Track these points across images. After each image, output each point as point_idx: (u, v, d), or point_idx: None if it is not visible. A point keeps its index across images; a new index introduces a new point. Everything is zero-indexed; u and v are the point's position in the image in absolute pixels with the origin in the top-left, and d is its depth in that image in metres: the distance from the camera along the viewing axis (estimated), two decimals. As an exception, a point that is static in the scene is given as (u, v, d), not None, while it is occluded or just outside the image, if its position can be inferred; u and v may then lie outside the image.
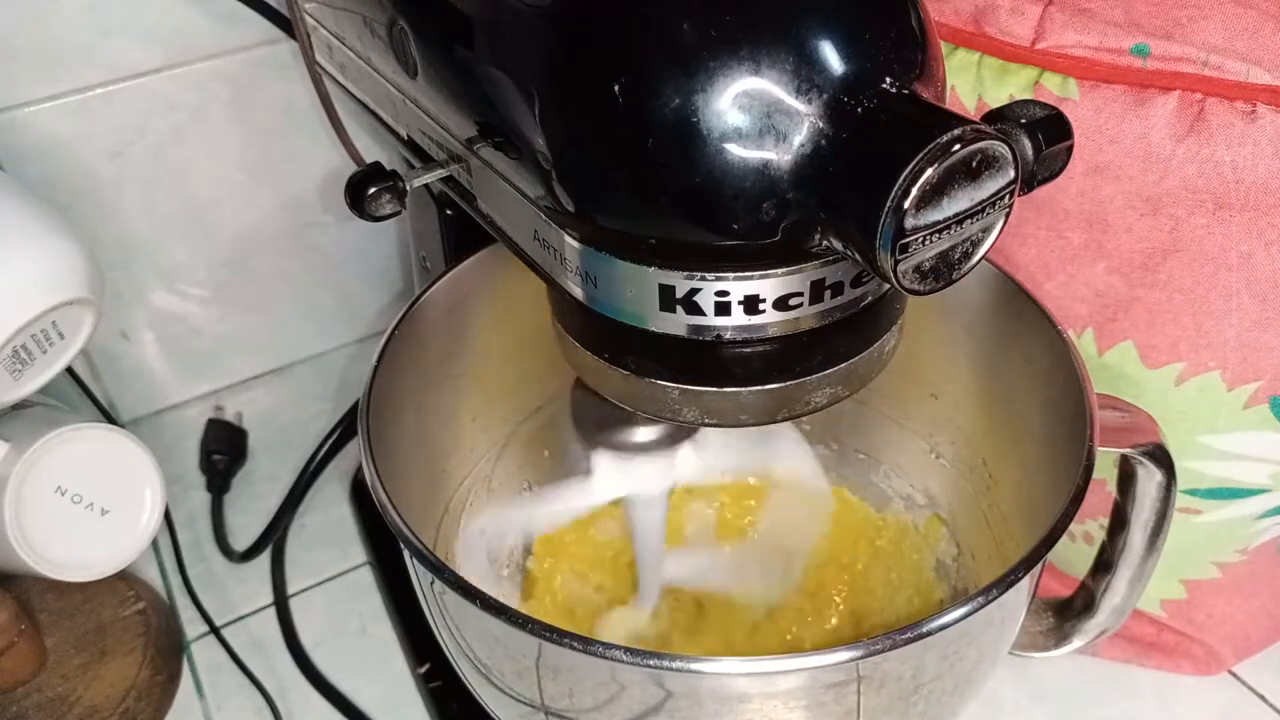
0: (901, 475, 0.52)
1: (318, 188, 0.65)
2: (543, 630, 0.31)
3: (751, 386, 0.31)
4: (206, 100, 0.59)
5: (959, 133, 0.24)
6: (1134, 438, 0.37)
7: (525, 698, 0.36)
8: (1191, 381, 0.41)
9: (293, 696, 0.53)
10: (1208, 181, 0.37)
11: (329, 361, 0.73)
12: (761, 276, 0.28)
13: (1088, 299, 0.42)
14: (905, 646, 0.30)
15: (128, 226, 0.61)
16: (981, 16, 0.41)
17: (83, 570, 0.46)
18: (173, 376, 0.68)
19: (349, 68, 0.42)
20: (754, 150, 0.25)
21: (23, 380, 0.43)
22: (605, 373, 0.32)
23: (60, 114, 0.56)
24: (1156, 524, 0.39)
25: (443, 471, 0.47)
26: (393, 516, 0.34)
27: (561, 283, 0.31)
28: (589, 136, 0.27)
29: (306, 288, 0.69)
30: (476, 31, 0.30)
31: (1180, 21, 0.37)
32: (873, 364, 0.32)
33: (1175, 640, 0.51)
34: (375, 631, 0.56)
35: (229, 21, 0.57)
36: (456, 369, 0.46)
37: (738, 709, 0.32)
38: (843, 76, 0.25)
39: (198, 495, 0.63)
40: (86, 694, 0.50)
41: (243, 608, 0.57)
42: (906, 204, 0.23)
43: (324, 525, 0.61)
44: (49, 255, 0.43)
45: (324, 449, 0.64)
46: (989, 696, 0.51)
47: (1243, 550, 0.46)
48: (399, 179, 0.34)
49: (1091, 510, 0.46)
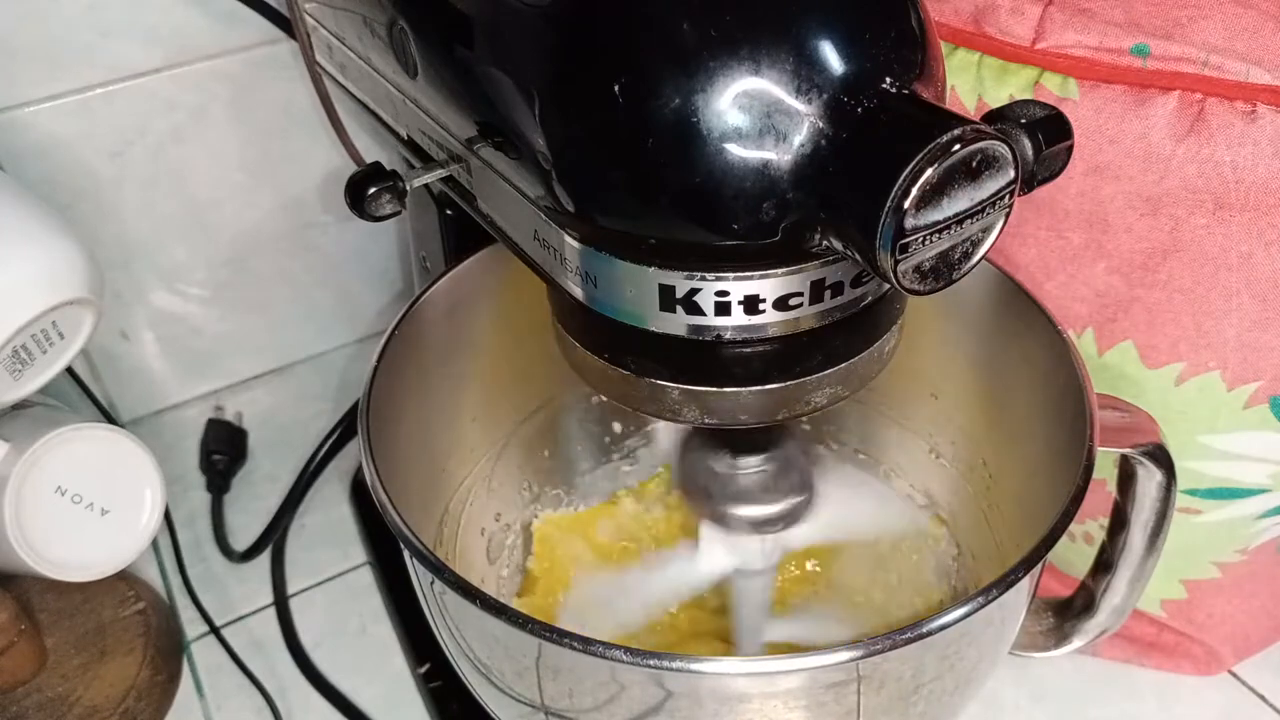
0: (901, 475, 0.52)
1: (318, 188, 0.65)
2: (543, 630, 0.31)
3: (751, 386, 0.31)
4: (206, 100, 0.59)
5: (959, 133, 0.24)
6: (1134, 438, 0.37)
7: (525, 698, 0.36)
8: (1191, 381, 0.41)
9: (293, 696, 0.53)
10: (1208, 181, 0.37)
11: (329, 361, 0.73)
12: (761, 276, 0.28)
13: (1088, 299, 0.42)
14: (905, 646, 0.30)
15: (128, 226, 0.61)
16: (981, 16, 0.41)
17: (83, 570, 0.46)
18: (173, 376, 0.68)
19: (349, 68, 0.42)
20: (754, 150, 0.25)
21: (23, 380, 0.43)
22: (605, 373, 0.32)
23: (60, 114, 0.56)
24: (1156, 524, 0.39)
25: (443, 471, 0.47)
26: (393, 516, 0.34)
27: (561, 283, 0.31)
28: (589, 136, 0.27)
29: (306, 288, 0.69)
30: (476, 31, 0.30)
31: (1180, 21, 0.37)
32: (873, 364, 0.32)
33: (1175, 640, 0.51)
34: (375, 631, 0.56)
35: (229, 21, 0.57)
36: (456, 369, 0.46)
37: (738, 709, 0.32)
38: (843, 76, 0.25)
39: (198, 495, 0.63)
40: (86, 694, 0.50)
41: (243, 608, 0.57)
42: (906, 204, 0.23)
43: (324, 525, 0.61)
44: (49, 255, 0.43)
45: (324, 449, 0.64)
46: (989, 696, 0.51)
47: (1243, 550, 0.46)
48: (399, 179, 0.34)
49: (1091, 510, 0.46)
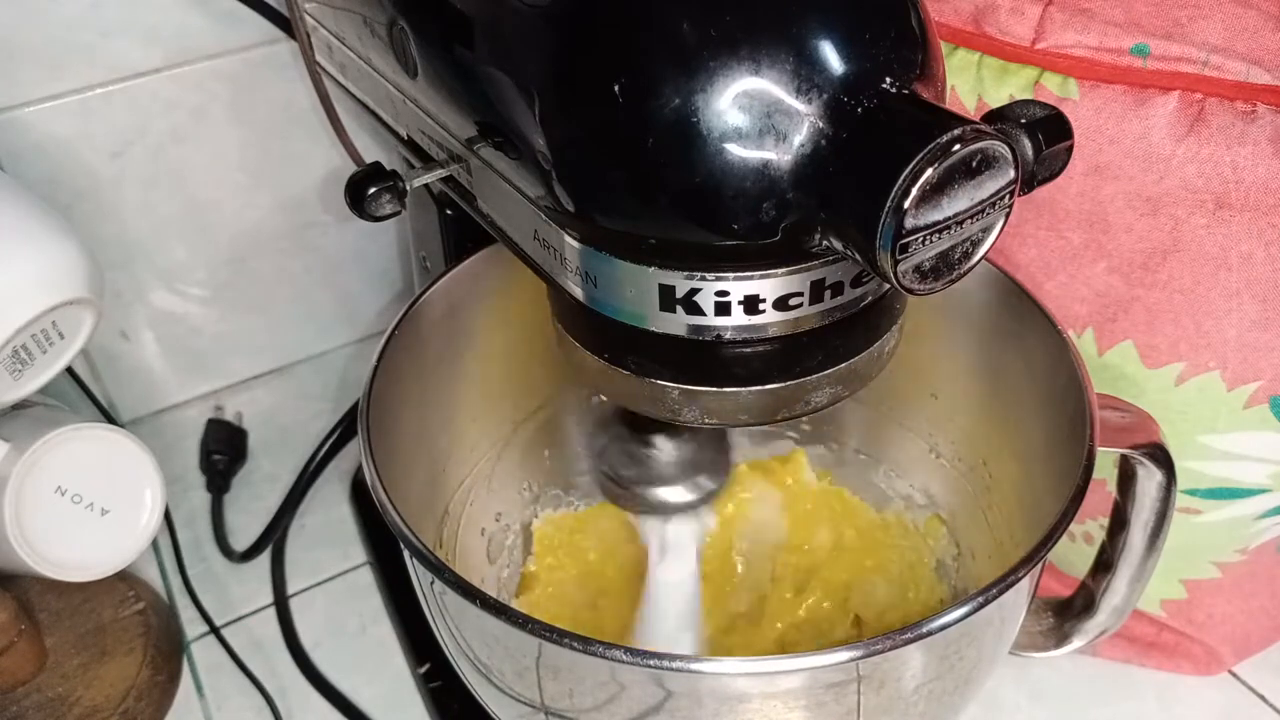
0: (901, 475, 0.52)
1: (318, 188, 0.65)
2: (543, 630, 0.31)
3: (752, 386, 0.31)
4: (206, 100, 0.59)
5: (959, 133, 0.24)
6: (1134, 438, 0.37)
7: (525, 698, 0.36)
8: (1191, 381, 0.41)
9: (293, 696, 0.53)
10: (1208, 181, 0.37)
11: (329, 361, 0.72)
12: (762, 276, 0.28)
13: (1088, 299, 0.42)
14: (905, 646, 0.30)
15: (128, 226, 0.61)
16: (981, 16, 0.41)
17: (83, 570, 0.46)
18: (173, 376, 0.68)
19: (349, 68, 0.42)
20: (754, 150, 0.25)
21: (23, 380, 0.43)
22: (605, 373, 0.32)
23: (60, 114, 0.56)
24: (1156, 524, 0.39)
25: (443, 471, 0.47)
26: (393, 516, 0.34)
27: (561, 283, 0.31)
28: (589, 136, 0.27)
29: (306, 288, 0.69)
30: (476, 31, 0.30)
31: (1180, 21, 0.37)
32: (873, 364, 0.32)
33: (1175, 640, 0.51)
34: (375, 631, 0.56)
35: (229, 21, 0.57)
36: (456, 369, 0.46)
37: (738, 709, 0.32)
38: (843, 76, 0.25)
39: (198, 495, 0.63)
40: (86, 694, 0.50)
41: (243, 608, 0.57)
42: (906, 204, 0.23)
43: (324, 525, 0.61)
44: (49, 255, 0.43)
45: (324, 449, 0.64)
46: (989, 696, 0.51)
47: (1243, 550, 0.46)
48: (399, 179, 0.34)
49: (1091, 510, 0.46)
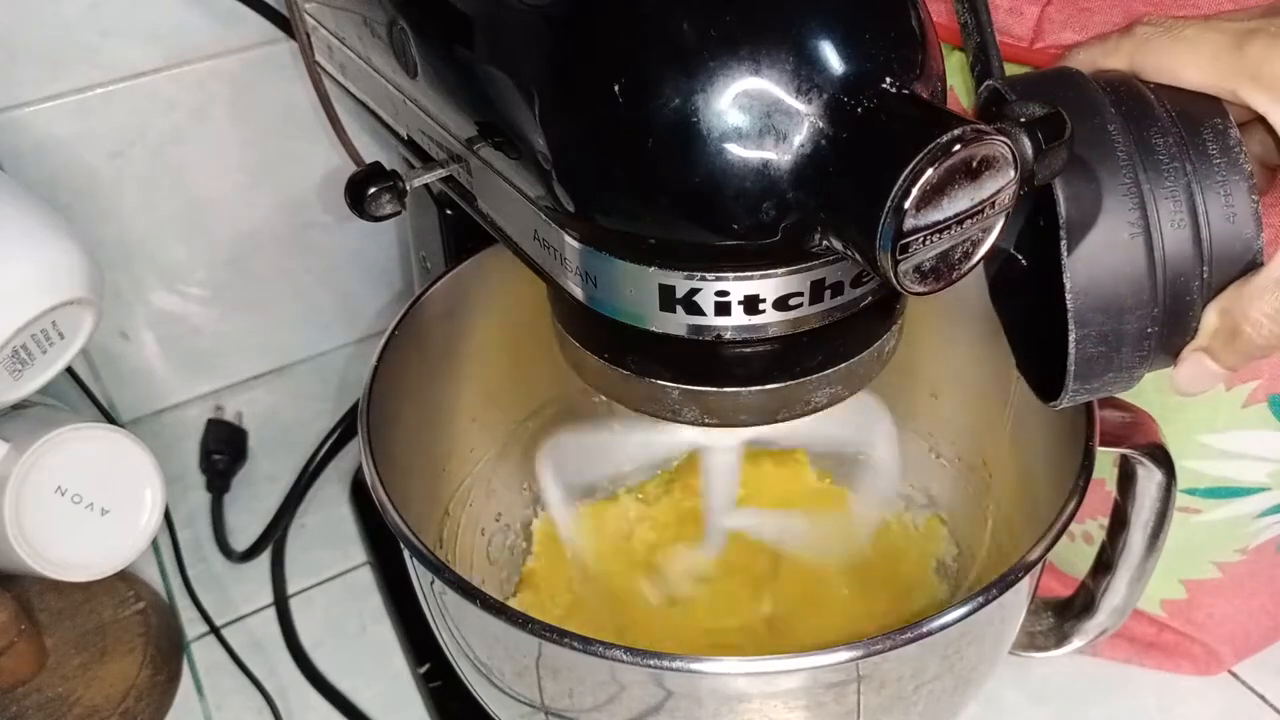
0: (902, 475, 0.52)
1: (318, 188, 0.65)
2: (543, 630, 0.31)
3: (752, 386, 0.31)
4: (206, 100, 0.59)
5: (959, 133, 0.24)
6: (1134, 438, 0.37)
7: (525, 698, 0.36)
8: (1191, 381, 0.41)
9: (293, 696, 0.53)
10: (1208, 181, 0.37)
11: (329, 361, 0.72)
12: (762, 276, 0.28)
13: (1088, 299, 0.42)
14: (905, 646, 0.30)
15: (128, 226, 0.61)
16: (981, 16, 0.41)
17: (83, 570, 0.46)
18: (173, 376, 0.68)
19: (349, 68, 0.42)
20: (754, 150, 0.25)
21: (23, 380, 0.43)
22: (605, 373, 0.32)
23: (60, 114, 0.56)
24: (1156, 524, 0.39)
25: (443, 471, 0.47)
26: (393, 516, 0.34)
27: (561, 283, 0.31)
28: (589, 136, 0.27)
29: (306, 288, 0.69)
30: (476, 31, 0.30)
31: (1180, 21, 0.37)
32: (872, 364, 0.32)
33: (1175, 640, 0.51)
34: (375, 631, 0.56)
35: (229, 21, 0.57)
36: (456, 369, 0.46)
37: (738, 709, 0.32)
38: (843, 76, 0.25)
39: (198, 495, 0.63)
40: (86, 694, 0.50)
41: (243, 608, 0.57)
42: (906, 204, 0.23)
43: (324, 525, 0.61)
44: (49, 255, 0.43)
45: (324, 449, 0.64)
46: (989, 696, 0.51)
47: (1242, 550, 0.46)
48: (399, 179, 0.34)
49: (1091, 510, 0.46)
